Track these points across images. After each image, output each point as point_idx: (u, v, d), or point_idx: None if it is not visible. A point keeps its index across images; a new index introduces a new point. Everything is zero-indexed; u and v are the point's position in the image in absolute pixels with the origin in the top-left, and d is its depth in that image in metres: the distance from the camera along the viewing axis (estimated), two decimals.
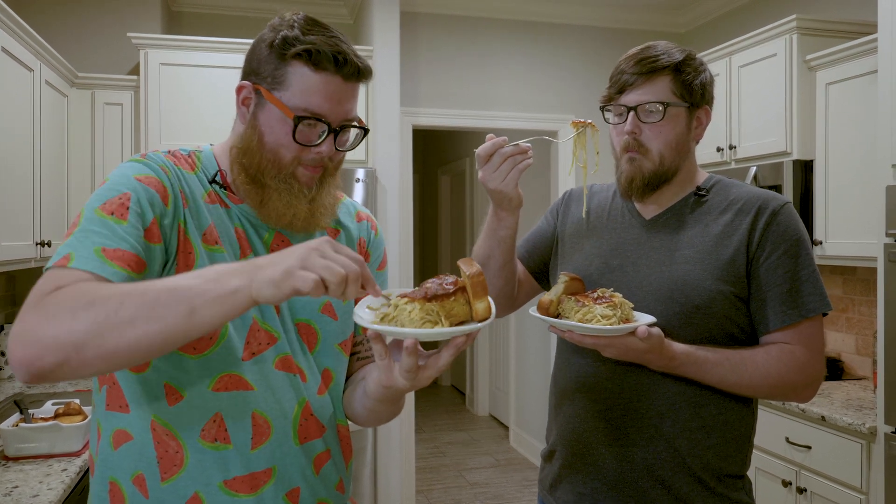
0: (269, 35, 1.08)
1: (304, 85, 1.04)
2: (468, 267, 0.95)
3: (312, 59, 1.04)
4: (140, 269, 0.98)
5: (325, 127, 1.07)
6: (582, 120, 1.37)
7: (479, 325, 0.93)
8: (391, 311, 0.94)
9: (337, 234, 1.22)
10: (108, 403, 1.07)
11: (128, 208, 0.99)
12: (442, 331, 0.90)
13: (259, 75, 1.07)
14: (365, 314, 0.97)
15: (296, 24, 1.06)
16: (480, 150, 1.28)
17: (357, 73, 1.08)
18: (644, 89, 1.34)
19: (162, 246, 1.02)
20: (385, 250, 1.31)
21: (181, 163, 1.11)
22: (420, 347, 0.94)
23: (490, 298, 0.97)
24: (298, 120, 1.04)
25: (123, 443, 1.06)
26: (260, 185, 1.08)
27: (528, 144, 1.28)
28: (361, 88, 1.15)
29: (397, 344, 0.97)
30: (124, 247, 0.96)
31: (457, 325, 0.95)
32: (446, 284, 0.95)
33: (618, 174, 1.41)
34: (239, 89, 1.10)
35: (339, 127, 1.09)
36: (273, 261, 0.86)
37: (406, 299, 0.94)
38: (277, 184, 1.07)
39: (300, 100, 1.05)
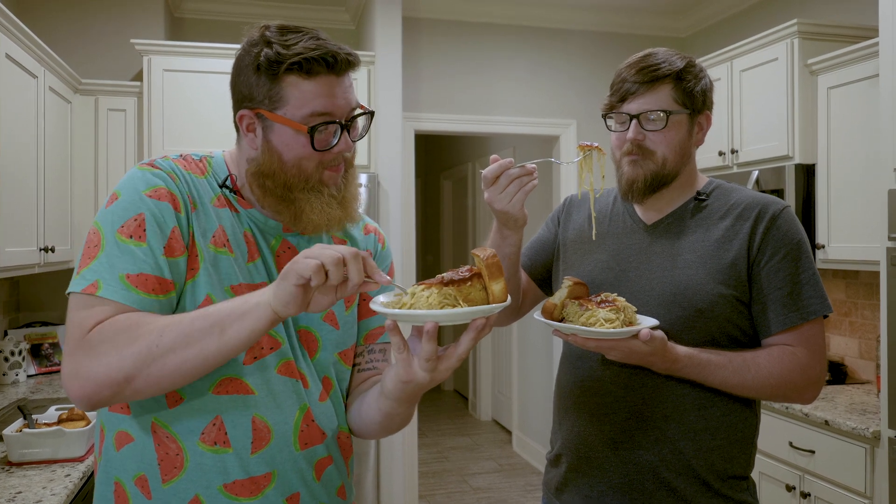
0: (249, 59, 1.07)
1: (303, 95, 1.05)
2: (482, 251, 0.96)
3: (303, 69, 1.04)
4: (165, 289, 1.02)
5: (337, 126, 1.08)
6: (588, 143, 1.37)
7: (499, 305, 0.92)
8: (408, 299, 0.95)
9: (344, 244, 1.23)
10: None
11: (144, 230, 1.02)
12: (463, 311, 0.90)
13: (254, 100, 1.07)
14: (381, 305, 0.97)
15: (273, 41, 1.05)
16: (487, 171, 1.29)
17: (347, 64, 1.09)
18: (646, 98, 1.35)
19: (185, 255, 1.05)
20: (392, 263, 1.32)
21: (191, 167, 1.12)
22: None
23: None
24: (313, 130, 1.05)
25: (125, 444, 1.07)
26: (290, 201, 1.09)
27: (534, 166, 1.29)
28: (363, 93, 1.17)
29: (415, 336, 0.98)
30: (146, 270, 1.01)
31: None
32: (462, 271, 0.96)
33: (618, 176, 1.42)
34: (240, 118, 1.10)
35: (349, 120, 1.10)
36: None
37: (423, 286, 0.94)
38: (307, 195, 1.09)
39: (305, 109, 1.05)
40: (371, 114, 1.15)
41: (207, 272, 1.06)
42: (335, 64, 1.06)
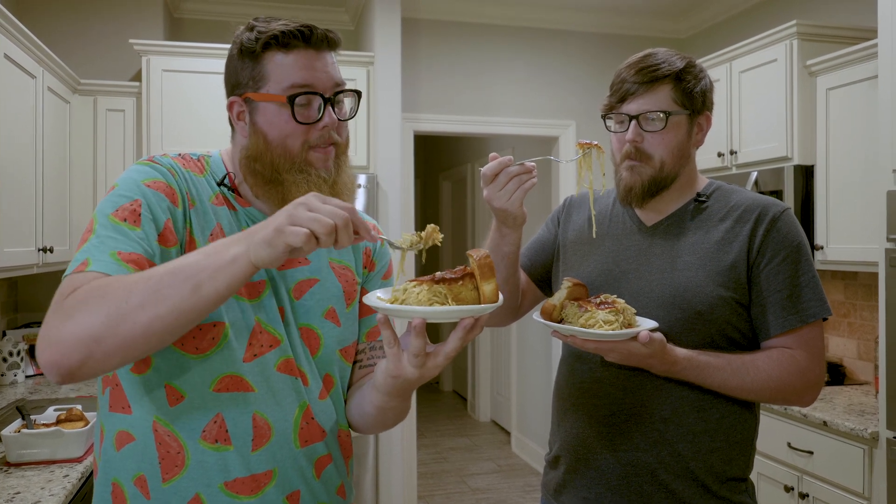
0: (235, 47, 1.11)
1: (281, 69, 1.07)
2: (476, 252, 0.97)
3: (280, 42, 1.06)
4: None
5: (319, 98, 1.08)
6: (588, 142, 1.37)
7: (489, 305, 0.93)
8: (401, 294, 0.95)
9: None
10: (111, 405, 1.08)
11: (140, 215, 1.01)
12: (449, 309, 0.90)
13: (241, 85, 1.10)
14: (375, 299, 0.98)
15: (255, 26, 1.09)
16: (486, 169, 1.29)
17: (326, 40, 1.09)
18: (645, 98, 1.35)
19: (178, 247, 1.05)
20: (391, 262, 1.31)
21: (190, 165, 1.13)
22: (428, 340, 0.95)
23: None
24: (292, 99, 1.06)
25: (126, 444, 1.07)
26: (278, 183, 1.09)
27: (533, 164, 1.29)
28: (363, 93, 1.16)
29: (408, 332, 0.98)
30: (139, 251, 0.99)
31: None
32: (455, 270, 0.97)
33: (617, 180, 1.42)
34: (230, 106, 1.12)
35: (333, 95, 1.10)
36: (265, 223, 0.90)
37: (414, 283, 0.95)
38: (294, 176, 1.08)
39: (285, 82, 1.07)
40: (358, 93, 1.15)
41: None
42: (311, 36, 1.07)
